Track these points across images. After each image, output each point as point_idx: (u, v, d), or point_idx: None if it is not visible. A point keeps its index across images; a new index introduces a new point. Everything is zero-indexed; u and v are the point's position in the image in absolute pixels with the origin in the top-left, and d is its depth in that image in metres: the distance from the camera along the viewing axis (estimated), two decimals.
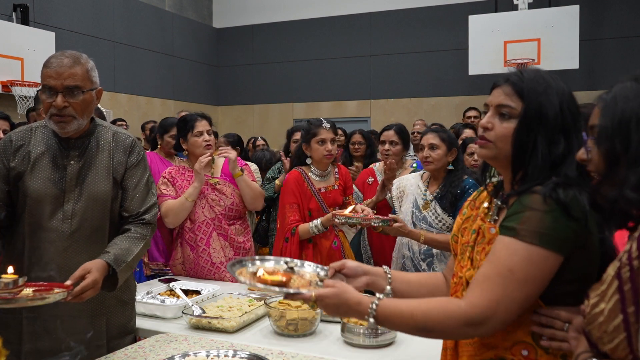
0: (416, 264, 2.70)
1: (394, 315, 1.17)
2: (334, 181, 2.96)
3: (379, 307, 1.17)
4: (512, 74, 1.26)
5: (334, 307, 1.20)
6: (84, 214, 1.77)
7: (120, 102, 8.34)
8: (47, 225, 1.74)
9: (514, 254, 1.11)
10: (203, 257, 2.78)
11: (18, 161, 1.76)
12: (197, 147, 2.81)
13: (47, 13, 7.20)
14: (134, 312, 2.02)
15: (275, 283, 1.26)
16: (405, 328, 1.18)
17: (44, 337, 1.76)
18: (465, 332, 1.14)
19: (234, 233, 2.82)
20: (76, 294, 1.53)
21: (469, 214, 1.36)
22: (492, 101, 1.26)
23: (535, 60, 7.15)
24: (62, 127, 1.73)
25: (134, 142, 1.92)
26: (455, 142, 2.74)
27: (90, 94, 1.76)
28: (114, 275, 1.69)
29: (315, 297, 1.19)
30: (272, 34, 10.11)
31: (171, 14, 9.55)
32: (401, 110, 9.11)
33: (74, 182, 1.78)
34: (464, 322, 1.11)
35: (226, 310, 2.09)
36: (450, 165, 2.70)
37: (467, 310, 1.11)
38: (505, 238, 1.13)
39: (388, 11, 9.28)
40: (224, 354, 1.61)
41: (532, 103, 1.19)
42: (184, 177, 2.87)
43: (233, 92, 10.48)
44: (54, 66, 1.70)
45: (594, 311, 0.95)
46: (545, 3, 7.50)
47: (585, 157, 1.05)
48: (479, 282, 1.13)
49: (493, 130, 1.23)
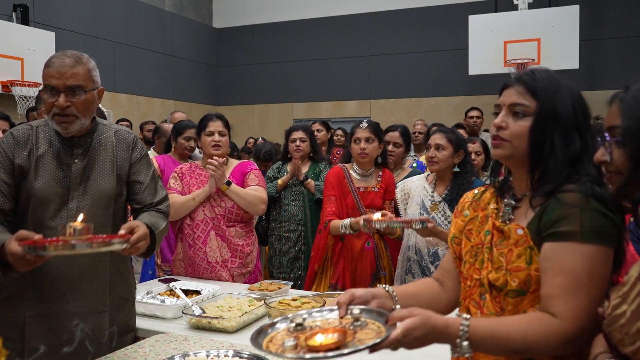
0: (424, 267, 2.67)
1: (487, 336, 1.07)
2: (375, 183, 2.97)
3: (470, 327, 1.06)
4: (523, 74, 1.25)
5: (421, 339, 1.05)
6: (88, 212, 1.77)
7: (120, 102, 8.34)
8: (51, 224, 1.74)
9: (586, 259, 1.08)
10: (199, 255, 2.79)
11: (22, 159, 1.76)
12: (206, 146, 2.86)
13: (47, 13, 7.20)
14: (134, 310, 2.02)
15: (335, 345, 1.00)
16: (498, 349, 1.09)
17: (47, 335, 1.76)
18: (563, 348, 1.07)
19: (233, 235, 2.82)
20: (134, 243, 1.54)
21: (473, 215, 1.34)
22: (505, 101, 1.25)
23: (535, 60, 7.15)
24: (65, 127, 1.73)
25: (135, 138, 1.93)
26: (462, 144, 2.69)
27: (92, 93, 1.76)
28: (151, 239, 1.71)
29: (402, 334, 1.02)
30: (272, 34, 10.11)
31: (171, 14, 9.56)
32: (401, 110, 9.11)
33: (79, 180, 1.78)
34: (563, 338, 1.06)
35: (226, 310, 2.09)
36: (456, 167, 2.67)
37: (565, 327, 1.06)
38: (567, 244, 1.10)
39: (388, 11, 9.28)
40: (224, 354, 1.60)
41: (546, 101, 1.19)
42: (192, 175, 2.91)
43: (233, 92, 10.48)
44: (56, 66, 1.70)
45: (615, 313, 0.93)
46: (545, 3, 7.50)
47: (605, 159, 1.04)
48: (559, 295, 1.08)
49: (507, 129, 1.22)
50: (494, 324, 1.09)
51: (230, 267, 2.79)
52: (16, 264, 1.46)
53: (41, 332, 1.75)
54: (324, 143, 4.70)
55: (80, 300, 1.77)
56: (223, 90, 10.58)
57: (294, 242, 3.54)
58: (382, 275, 2.84)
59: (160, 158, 3.77)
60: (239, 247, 2.82)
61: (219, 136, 2.84)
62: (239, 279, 2.81)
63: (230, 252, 2.81)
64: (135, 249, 1.56)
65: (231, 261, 2.80)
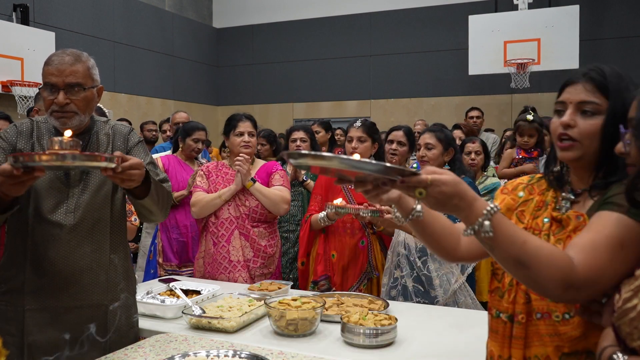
0: (412, 261, 2.70)
1: (507, 231, 1.05)
2: None
3: (497, 213, 1.04)
4: (589, 70, 1.21)
5: (447, 197, 1.03)
6: (87, 206, 1.78)
7: (120, 102, 8.35)
8: (50, 218, 1.75)
9: (625, 230, 1.07)
10: (222, 254, 2.81)
11: (25, 146, 1.77)
12: (235, 146, 2.89)
13: (47, 13, 7.20)
14: (136, 305, 2.01)
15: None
16: (507, 251, 1.06)
17: (46, 329, 1.76)
18: (560, 289, 1.06)
19: (257, 235, 2.84)
20: (126, 168, 1.50)
21: (527, 197, 1.31)
22: (572, 98, 1.20)
23: (535, 60, 7.16)
24: (63, 122, 1.74)
25: (131, 129, 1.96)
26: (452, 142, 2.75)
27: (91, 91, 1.78)
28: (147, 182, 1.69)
29: (432, 180, 1.02)
30: (272, 34, 10.11)
31: (171, 14, 9.56)
32: (401, 110, 9.11)
33: (78, 175, 1.80)
34: (567, 278, 1.05)
35: (226, 310, 2.09)
36: (446, 165, 2.70)
37: (574, 270, 1.05)
38: (614, 213, 1.09)
39: (388, 11, 9.28)
40: (224, 354, 1.60)
41: (618, 100, 1.16)
42: (219, 173, 2.95)
43: (233, 92, 10.48)
44: (56, 64, 1.71)
45: (625, 306, 0.93)
46: (545, 3, 7.50)
47: (623, 150, 1.03)
48: (586, 248, 1.07)
49: (576, 127, 1.18)
50: (517, 228, 1.08)
51: (252, 267, 2.81)
52: (6, 185, 1.40)
53: (41, 326, 1.75)
54: (323, 144, 4.69)
55: (80, 295, 1.77)
56: (223, 90, 10.58)
57: (293, 243, 3.54)
58: (375, 275, 2.83)
59: (165, 158, 3.78)
60: (262, 248, 2.84)
61: (248, 137, 2.89)
62: (260, 280, 2.80)
63: (253, 252, 2.83)
64: (127, 176, 1.52)
65: (253, 261, 2.81)
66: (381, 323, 1.87)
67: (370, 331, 1.83)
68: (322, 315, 2.02)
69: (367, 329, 1.84)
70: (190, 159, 3.81)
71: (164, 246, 3.63)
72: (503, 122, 8.14)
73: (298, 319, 1.93)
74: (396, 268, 2.73)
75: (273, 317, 1.96)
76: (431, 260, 2.68)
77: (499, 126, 7.76)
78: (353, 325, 1.86)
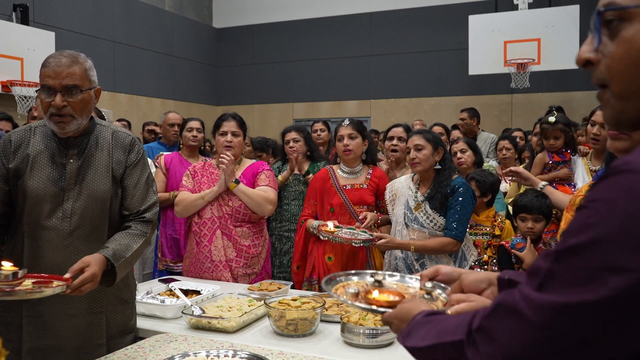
0: (409, 264, 2.71)
1: None
2: (364, 180, 2.99)
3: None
4: None
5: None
6: (83, 212, 1.77)
7: (120, 102, 8.35)
8: (46, 224, 1.74)
9: None
10: (203, 253, 2.80)
11: (18, 161, 1.76)
12: (219, 145, 2.90)
13: (47, 13, 7.20)
14: (134, 311, 2.01)
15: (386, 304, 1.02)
16: None
17: (44, 335, 1.76)
18: None
19: (239, 235, 2.82)
20: (75, 287, 1.52)
21: None
22: None
23: (536, 60, 7.15)
24: (61, 127, 1.73)
25: (133, 140, 1.92)
26: (440, 142, 2.76)
27: (88, 93, 1.76)
28: (113, 271, 1.69)
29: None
30: (272, 34, 10.11)
31: (171, 14, 9.56)
32: (401, 110, 9.11)
33: (73, 180, 1.78)
34: None
35: (226, 310, 2.09)
36: (437, 165, 2.71)
37: None
38: None
39: (388, 11, 9.28)
40: (224, 354, 1.61)
41: None
42: (204, 173, 2.95)
43: (233, 92, 10.48)
44: (52, 66, 1.70)
45: None
46: (545, 3, 7.50)
47: None
48: None
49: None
50: None
51: (235, 267, 2.78)
52: None
53: (38, 333, 1.75)
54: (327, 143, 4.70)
55: (77, 301, 1.76)
56: (223, 90, 10.58)
57: (294, 242, 3.54)
58: None
59: (168, 156, 3.82)
60: (244, 248, 2.82)
61: (231, 136, 2.87)
62: (243, 280, 2.79)
63: (236, 252, 2.81)
64: (78, 292, 1.55)
65: (236, 261, 2.79)
66: (381, 323, 1.88)
67: (370, 331, 1.83)
68: (322, 315, 2.02)
69: (367, 329, 1.84)
70: (192, 152, 3.84)
71: (161, 241, 3.71)
72: (503, 122, 8.14)
73: (298, 319, 1.93)
74: (394, 271, 2.74)
75: (273, 317, 1.96)
76: (429, 262, 2.69)
77: (499, 126, 7.76)
78: (353, 325, 1.86)
